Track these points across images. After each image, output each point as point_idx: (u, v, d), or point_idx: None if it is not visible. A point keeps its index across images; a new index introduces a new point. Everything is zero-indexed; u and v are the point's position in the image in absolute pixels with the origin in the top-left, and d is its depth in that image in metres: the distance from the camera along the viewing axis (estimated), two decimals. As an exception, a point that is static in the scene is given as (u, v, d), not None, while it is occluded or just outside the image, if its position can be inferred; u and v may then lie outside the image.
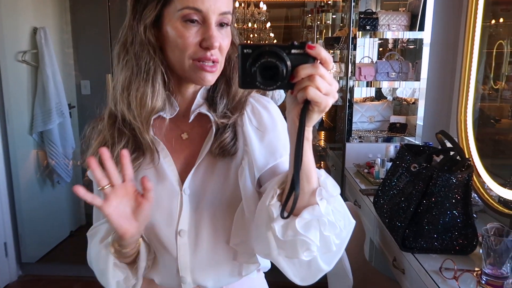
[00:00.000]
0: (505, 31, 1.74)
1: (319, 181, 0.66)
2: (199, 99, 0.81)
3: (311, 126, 0.62)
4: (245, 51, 0.59)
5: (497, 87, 1.74)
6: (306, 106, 0.59)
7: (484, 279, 1.11)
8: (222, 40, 0.74)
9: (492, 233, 1.10)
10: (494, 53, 1.72)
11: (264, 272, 0.93)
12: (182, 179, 0.80)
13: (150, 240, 0.82)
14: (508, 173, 1.55)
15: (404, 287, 1.38)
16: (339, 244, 0.68)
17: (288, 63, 0.58)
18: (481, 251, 1.27)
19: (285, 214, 0.63)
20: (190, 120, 0.80)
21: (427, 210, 1.26)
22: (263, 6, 5.06)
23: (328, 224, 0.65)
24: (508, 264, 1.08)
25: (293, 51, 0.59)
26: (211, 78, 0.75)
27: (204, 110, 0.80)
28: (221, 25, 0.74)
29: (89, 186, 0.85)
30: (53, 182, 3.09)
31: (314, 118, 0.61)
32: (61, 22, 3.15)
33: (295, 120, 0.61)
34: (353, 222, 0.69)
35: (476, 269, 1.19)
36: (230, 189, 0.79)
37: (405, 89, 2.73)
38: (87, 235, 0.86)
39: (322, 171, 0.68)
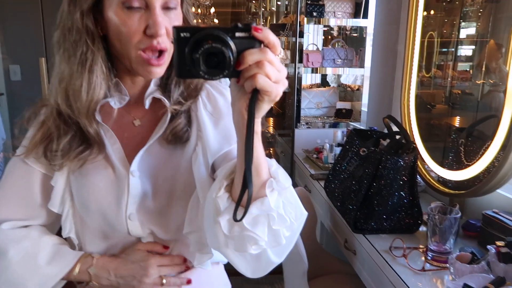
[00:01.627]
0: (435, 22, 1.84)
1: (270, 171, 0.64)
2: (152, 86, 0.78)
3: (260, 117, 0.57)
4: (182, 34, 0.51)
5: (429, 75, 1.85)
6: (255, 96, 0.54)
7: (430, 255, 1.17)
8: (170, 24, 0.69)
9: (436, 211, 1.16)
10: (426, 43, 1.81)
11: (224, 264, 0.91)
12: (130, 162, 0.77)
13: (100, 229, 0.80)
14: (440, 155, 1.66)
15: (356, 268, 1.43)
16: (290, 237, 0.65)
17: (233, 48, 0.51)
18: (424, 229, 1.35)
19: (238, 217, 0.59)
20: (146, 107, 0.78)
21: (377, 192, 1.30)
22: (207, -10, 4.94)
23: (278, 218, 0.62)
24: (452, 240, 1.16)
25: (237, 34, 0.52)
26: (159, 71, 0.72)
27: (158, 95, 0.77)
28: (167, 8, 0.70)
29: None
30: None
31: (264, 109, 0.56)
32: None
33: (242, 112, 0.56)
34: (305, 213, 0.67)
35: (421, 246, 1.26)
36: (183, 177, 0.76)
37: (348, 76, 2.81)
38: None
39: (273, 161, 0.66)
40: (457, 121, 1.72)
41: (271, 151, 3.24)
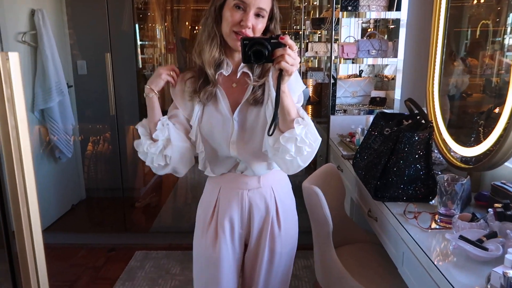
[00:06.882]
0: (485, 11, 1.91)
1: (299, 113, 1.10)
2: (242, 64, 1.21)
3: (285, 83, 1.05)
4: (244, 42, 1.02)
5: (455, 63, 1.94)
6: (280, 72, 1.02)
7: (439, 218, 1.34)
8: (256, 24, 1.16)
9: (445, 179, 1.32)
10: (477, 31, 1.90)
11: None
12: (233, 111, 1.23)
13: (213, 148, 1.28)
14: (463, 136, 1.78)
15: (376, 232, 1.61)
16: (310, 151, 1.12)
17: (269, 48, 1.01)
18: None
19: (270, 132, 1.08)
20: (238, 77, 1.23)
21: (394, 164, 1.48)
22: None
23: (300, 140, 1.09)
24: (458, 205, 1.31)
25: (272, 40, 1.01)
26: None
27: (246, 70, 1.22)
28: (257, 15, 1.16)
29: (90, 159, 1.23)
30: (55, 157, 3.26)
31: (286, 79, 1.04)
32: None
33: (275, 80, 1.04)
34: (319, 138, 1.14)
35: (434, 212, 1.42)
36: (261, 118, 1.21)
37: (384, 66, 2.94)
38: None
39: (301, 108, 1.15)
40: (479, 106, 1.84)
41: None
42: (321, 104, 3.16)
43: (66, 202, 3.43)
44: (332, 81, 2.69)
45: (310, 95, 3.51)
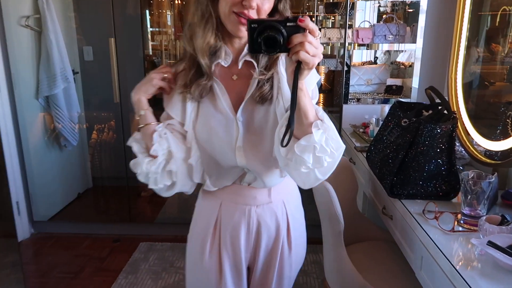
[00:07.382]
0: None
1: (317, 115, 0.87)
2: (245, 51, 1.00)
3: (303, 79, 0.81)
4: (252, 25, 0.77)
5: (479, 50, 1.78)
6: (299, 65, 0.78)
7: (462, 219, 1.22)
8: (262, 4, 0.91)
9: (471, 177, 1.20)
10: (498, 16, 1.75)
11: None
12: (236, 110, 1.00)
13: (214, 157, 1.04)
14: (487, 128, 1.64)
15: (392, 232, 1.50)
16: (331, 162, 0.90)
17: (285, 33, 0.76)
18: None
19: (284, 143, 0.83)
20: (239, 67, 1.00)
21: (413, 159, 1.35)
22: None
23: (320, 148, 0.86)
24: (485, 205, 1.19)
25: (288, 24, 0.76)
26: (244, 30, 0.92)
27: (249, 58, 0.99)
28: None
29: (95, 148, 1.02)
30: (60, 145, 3.20)
31: (305, 74, 0.80)
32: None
33: (291, 75, 0.80)
34: (343, 146, 0.91)
35: (456, 211, 1.30)
36: (271, 117, 0.99)
37: (399, 52, 2.78)
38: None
39: (320, 108, 0.90)
40: (504, 95, 1.69)
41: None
42: (333, 92, 3.02)
43: (73, 190, 3.38)
44: (345, 68, 2.55)
45: (322, 82, 3.37)
